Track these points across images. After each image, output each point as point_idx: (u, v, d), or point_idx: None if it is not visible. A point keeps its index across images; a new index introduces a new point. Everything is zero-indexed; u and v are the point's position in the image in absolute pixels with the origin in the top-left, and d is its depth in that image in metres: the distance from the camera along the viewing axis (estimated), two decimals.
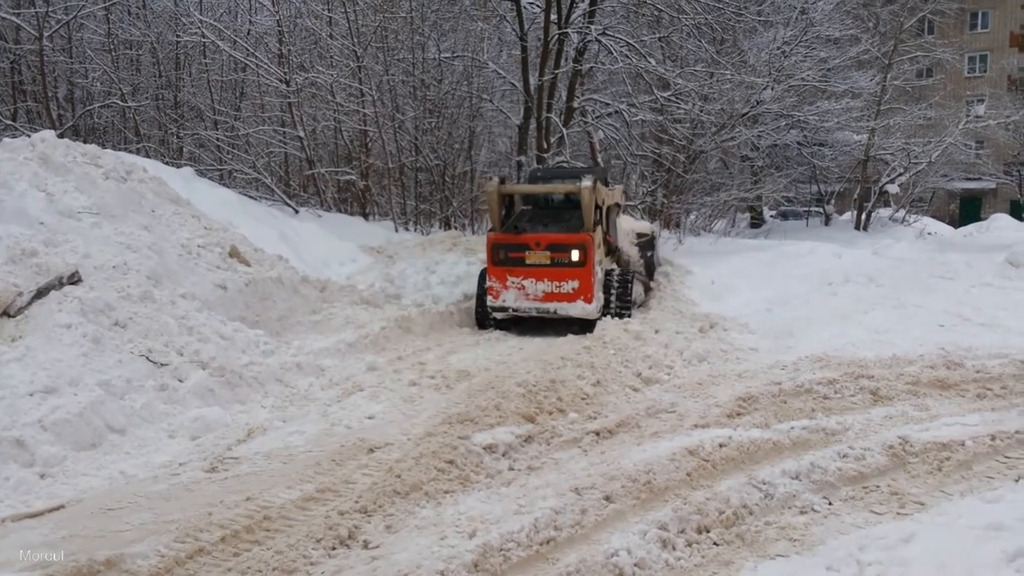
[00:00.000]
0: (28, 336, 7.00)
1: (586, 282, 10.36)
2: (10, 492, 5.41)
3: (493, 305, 10.80)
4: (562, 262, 10.44)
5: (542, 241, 10.55)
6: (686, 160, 21.17)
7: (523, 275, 10.62)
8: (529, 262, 10.57)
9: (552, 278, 10.48)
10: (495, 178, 11.25)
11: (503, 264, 10.71)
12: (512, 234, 10.85)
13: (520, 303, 10.65)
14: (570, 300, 10.45)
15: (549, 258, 10.48)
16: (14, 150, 9.66)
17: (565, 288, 10.42)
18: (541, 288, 10.55)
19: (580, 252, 10.37)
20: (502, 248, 10.75)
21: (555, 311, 10.54)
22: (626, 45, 18.34)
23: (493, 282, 10.78)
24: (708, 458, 5.46)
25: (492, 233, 11.01)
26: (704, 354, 8.69)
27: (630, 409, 6.77)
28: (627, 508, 4.77)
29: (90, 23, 20.23)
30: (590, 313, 10.46)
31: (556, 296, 10.49)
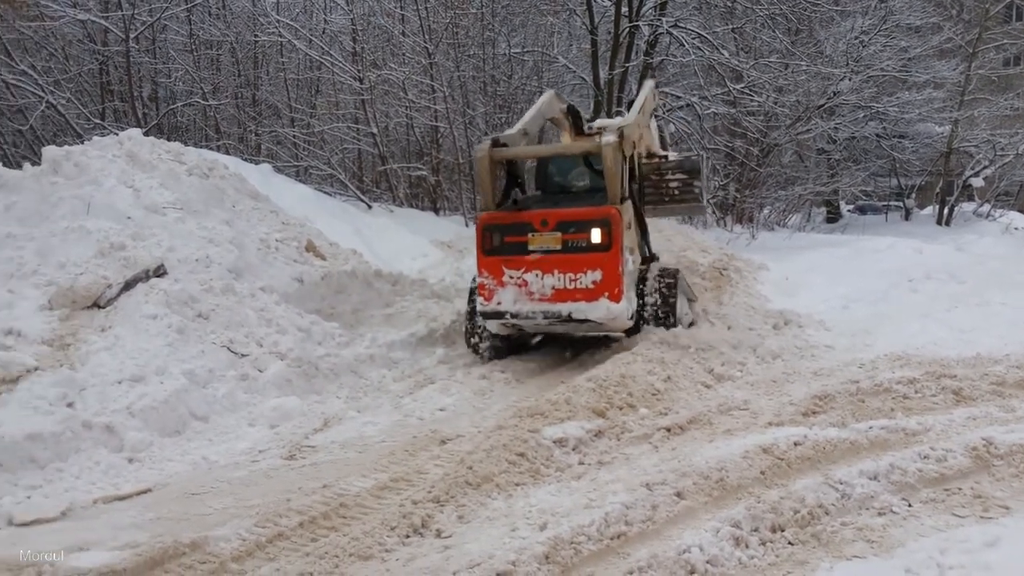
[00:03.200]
0: (117, 326, 7.30)
1: (612, 272, 7.77)
2: (100, 475, 5.67)
3: (485, 310, 8.15)
4: (578, 246, 7.87)
5: (550, 219, 8.01)
6: (759, 153, 20.79)
7: (525, 267, 8.01)
8: (533, 248, 7.99)
9: (564, 268, 7.87)
10: (487, 140, 8.65)
11: (498, 253, 8.14)
12: (510, 212, 8.37)
13: (521, 305, 7.99)
14: (590, 298, 7.82)
15: (560, 241, 7.91)
16: (103, 148, 10.07)
17: (583, 281, 7.84)
18: (549, 284, 7.92)
19: (603, 231, 7.78)
20: (496, 231, 8.17)
21: (570, 314, 7.83)
22: (698, 37, 18.12)
23: (484, 278, 8.16)
24: (783, 456, 5.37)
25: (484, 213, 8.49)
26: (778, 351, 8.54)
27: (702, 406, 6.70)
28: (699, 505, 4.73)
29: (173, 24, 20.91)
30: (618, 316, 7.88)
31: (570, 294, 7.86)
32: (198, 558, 4.34)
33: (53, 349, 6.96)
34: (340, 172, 18.20)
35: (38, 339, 6.98)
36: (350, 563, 4.22)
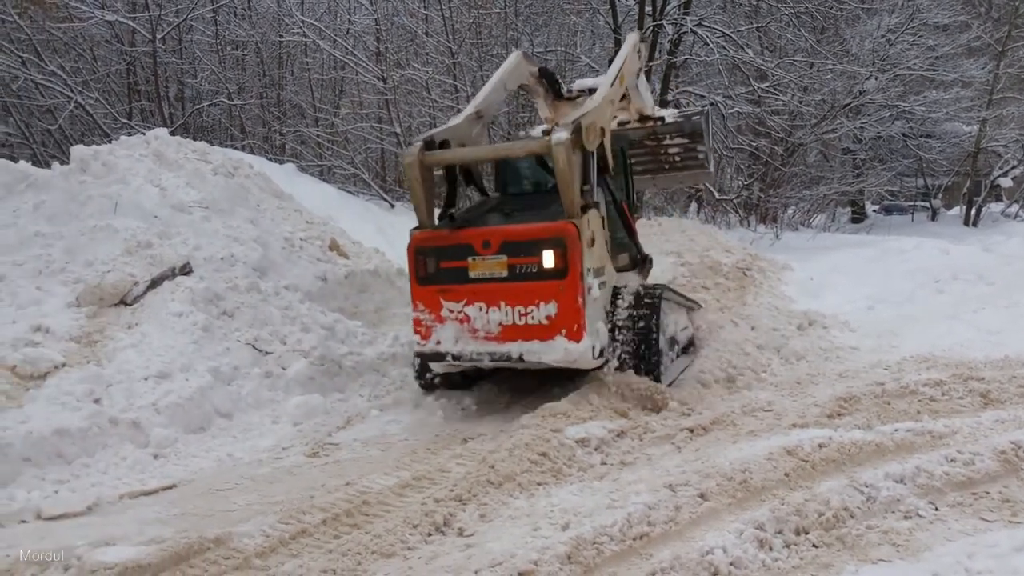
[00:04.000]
0: (143, 324, 7.37)
1: (569, 304, 6.39)
2: (126, 471, 5.73)
3: (422, 351, 6.91)
4: (527, 272, 6.48)
5: (492, 239, 6.58)
6: (784, 153, 20.63)
7: (466, 298, 6.69)
8: (474, 275, 6.64)
9: (512, 300, 6.53)
10: (418, 142, 7.00)
11: (434, 281, 6.80)
12: (446, 230, 6.86)
13: (464, 345, 6.71)
14: (544, 336, 6.48)
15: (506, 266, 6.53)
16: (130, 147, 10.18)
17: (535, 316, 6.48)
18: (495, 319, 6.61)
19: (557, 253, 6.38)
20: (431, 255, 6.81)
21: (521, 356, 6.52)
22: (722, 36, 18.01)
23: (420, 312, 6.87)
24: (807, 458, 5.33)
25: (417, 230, 6.99)
26: (802, 352, 8.48)
27: (725, 407, 6.67)
28: (722, 506, 4.70)
29: (199, 25, 21.10)
30: (579, 358, 6.47)
31: (521, 331, 6.55)
32: (222, 554, 4.38)
33: (81, 346, 7.05)
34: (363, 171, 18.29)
35: (66, 336, 7.07)
36: (372, 560, 4.23)
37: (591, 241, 6.54)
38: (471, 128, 7.54)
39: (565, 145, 6.34)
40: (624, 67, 8.21)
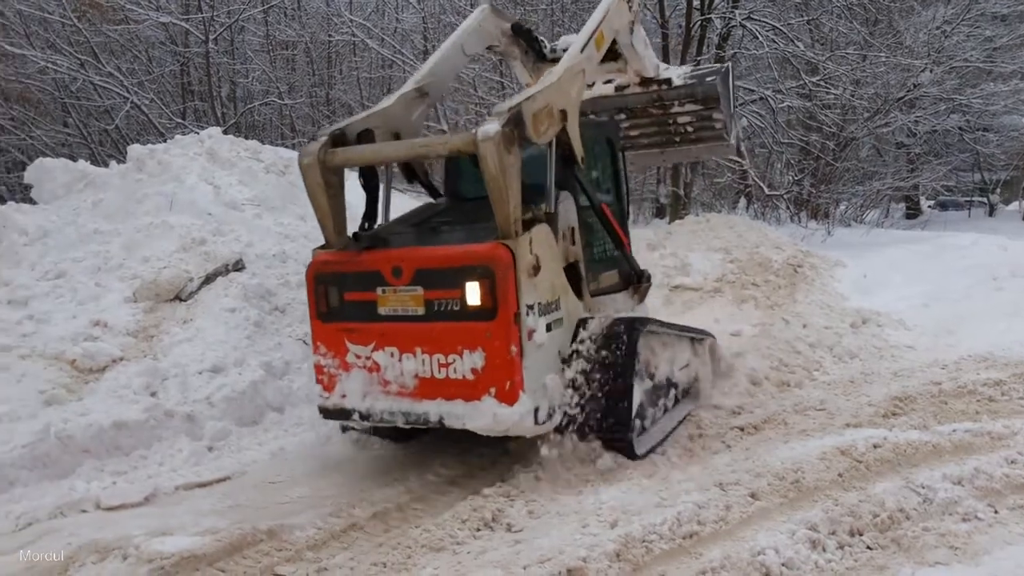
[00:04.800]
0: (198, 319, 7.52)
1: (500, 353, 4.94)
2: (182, 463, 5.86)
3: (324, 405, 5.56)
4: (448, 310, 5.06)
5: (405, 265, 5.17)
6: (836, 148, 20.26)
7: (375, 341, 5.30)
8: (385, 311, 5.25)
9: (430, 345, 5.12)
10: (323, 137, 5.54)
11: (337, 318, 5.44)
12: (351, 252, 5.48)
13: (374, 401, 5.33)
14: (468, 396, 5.05)
15: (422, 301, 5.11)
16: (185, 146, 10.39)
17: (458, 368, 5.06)
18: (410, 369, 5.20)
19: (484, 287, 4.92)
20: (333, 284, 5.44)
21: (440, 419, 5.13)
22: (772, 29, 17.74)
23: (321, 355, 5.53)
24: (861, 459, 5.24)
25: (320, 250, 5.66)
26: (856, 351, 8.34)
27: (776, 405, 6.59)
28: (773, 506, 4.65)
29: (250, 26, 21.45)
30: (512, 425, 5.00)
31: (440, 387, 5.13)
32: (275, 545, 4.46)
33: (137, 340, 7.22)
34: None
35: (124, 330, 7.24)
36: (422, 554, 4.27)
37: (534, 268, 4.97)
38: (409, 111, 6.04)
39: (495, 141, 4.78)
40: (605, 23, 6.48)
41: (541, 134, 5.26)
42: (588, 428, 5.36)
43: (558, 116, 5.46)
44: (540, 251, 5.10)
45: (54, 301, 7.49)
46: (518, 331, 4.91)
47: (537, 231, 5.13)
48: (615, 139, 7.07)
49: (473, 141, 4.90)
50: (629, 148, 8.73)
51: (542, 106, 5.28)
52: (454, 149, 5.26)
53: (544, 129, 5.30)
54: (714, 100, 8.42)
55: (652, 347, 5.94)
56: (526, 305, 4.95)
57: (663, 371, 6.12)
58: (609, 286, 6.47)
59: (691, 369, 6.69)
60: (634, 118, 8.81)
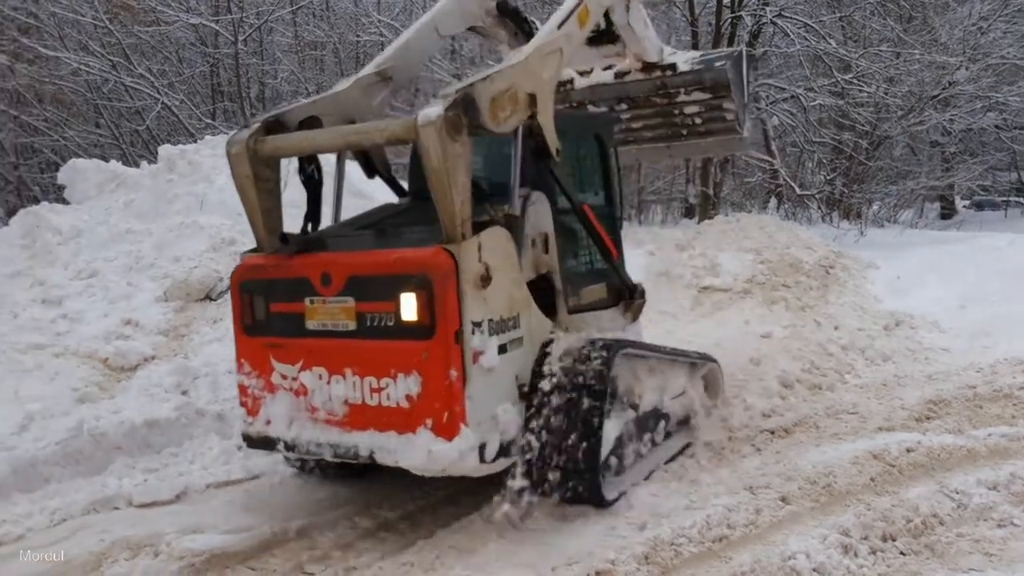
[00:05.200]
0: (227, 318, 7.57)
1: (436, 378, 4.24)
2: (212, 461, 5.91)
3: (248, 432, 4.89)
4: (381, 326, 4.37)
5: (334, 272, 4.51)
6: (869, 146, 20.05)
7: (303, 359, 4.63)
8: (313, 325, 4.59)
9: (362, 367, 4.43)
10: (256, 123, 4.90)
11: (263, 331, 4.80)
12: (280, 256, 4.81)
13: (301, 430, 4.63)
14: (402, 427, 4.33)
15: (354, 315, 4.44)
16: (215, 147, 10.49)
17: (391, 395, 4.34)
18: (339, 394, 4.50)
19: (419, 299, 4.23)
20: (258, 292, 4.81)
21: (371, 454, 4.39)
22: (803, 26, 17.57)
23: (245, 375, 4.88)
24: (894, 463, 5.18)
25: (249, 254, 5.04)
26: (889, 353, 8.21)
27: (807, 409, 6.51)
28: (804, 510, 4.60)
29: (279, 26, 21.62)
30: (450, 464, 4.24)
31: (372, 416, 4.41)
32: (304, 544, 4.49)
33: (168, 339, 7.30)
34: None
35: (155, 329, 7.33)
36: (450, 555, 4.26)
37: (482, 279, 4.28)
38: (368, 96, 5.36)
39: (437, 127, 4.11)
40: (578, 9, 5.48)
41: (501, 121, 4.51)
42: (548, 473, 4.54)
43: (525, 101, 4.69)
44: (492, 259, 4.36)
45: (87, 300, 7.60)
46: (460, 352, 4.18)
47: (489, 235, 4.41)
48: (606, 135, 6.17)
49: (413, 127, 4.20)
50: (632, 142, 8.18)
51: (503, 88, 4.51)
52: (393, 136, 4.51)
53: (506, 116, 4.55)
54: (724, 88, 7.44)
55: (636, 373, 5.24)
56: (471, 322, 4.21)
57: (650, 400, 5.36)
58: (594, 302, 5.64)
59: (687, 398, 5.85)
60: (636, 109, 7.89)
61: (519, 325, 4.63)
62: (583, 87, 7.67)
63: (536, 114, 4.78)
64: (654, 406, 5.43)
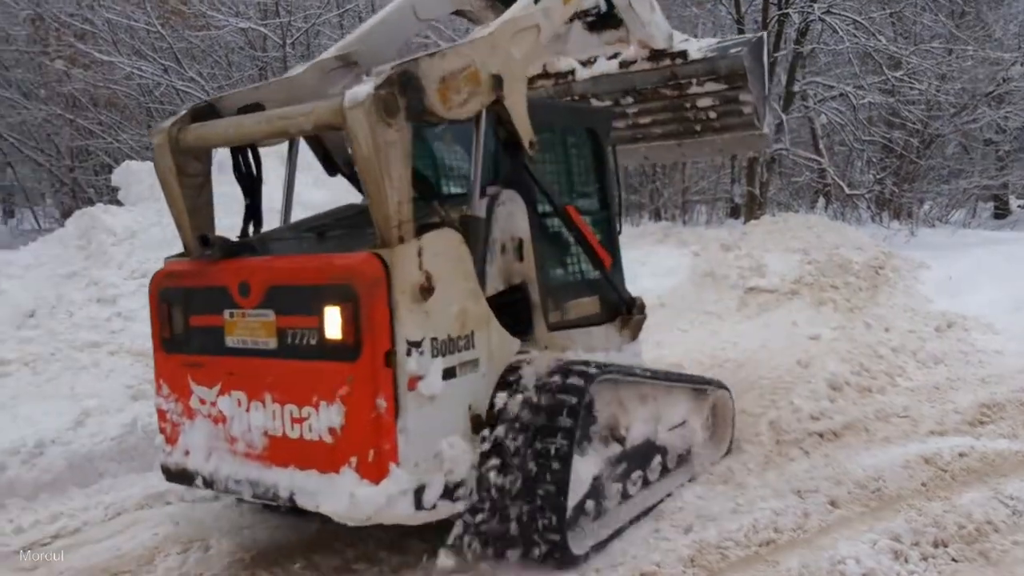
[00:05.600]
0: None
1: (362, 408, 3.61)
2: None
3: (166, 463, 4.36)
4: (303, 344, 3.79)
5: (254, 280, 3.96)
6: (920, 145, 19.64)
7: (221, 381, 4.10)
8: (232, 342, 4.05)
9: (283, 392, 3.86)
10: (183, 111, 4.46)
11: (182, 348, 4.27)
12: (202, 262, 4.27)
13: (219, 463, 4.09)
14: (325, 465, 3.72)
15: (274, 330, 3.88)
16: None
17: (313, 427, 3.75)
18: (259, 423, 3.95)
19: (343, 313, 3.61)
20: (177, 301, 4.28)
21: (291, 495, 3.80)
22: (853, 23, 17.26)
23: (163, 397, 4.36)
24: (946, 468, 5.09)
25: (173, 259, 4.53)
26: (941, 356, 8.05)
27: (857, 411, 6.42)
28: (854, 515, 4.55)
29: (326, 30, 21.84)
30: (375, 511, 3.60)
31: (294, 450, 3.83)
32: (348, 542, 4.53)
33: None
34: None
35: None
36: None
37: (422, 289, 3.66)
38: (326, 83, 4.75)
39: (366, 109, 3.50)
40: None
41: (454, 105, 3.89)
42: (501, 519, 3.89)
43: (488, 84, 4.08)
44: (438, 266, 3.73)
45: (140, 299, 7.75)
46: (392, 377, 3.55)
47: (434, 239, 3.78)
48: (602, 129, 5.49)
49: (339, 109, 3.58)
50: (640, 140, 7.62)
51: (458, 67, 3.91)
52: (320, 121, 3.82)
53: (461, 99, 3.92)
54: (740, 77, 6.67)
55: (622, 401, 4.61)
56: (407, 341, 3.59)
57: (640, 433, 4.71)
58: (583, 317, 5.04)
59: (688, 430, 5.20)
60: (644, 102, 7.23)
61: (473, 345, 3.98)
62: (585, 79, 7.16)
63: (502, 99, 4.18)
64: (646, 439, 4.77)
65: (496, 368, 4.14)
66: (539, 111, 4.57)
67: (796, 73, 17.87)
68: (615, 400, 4.58)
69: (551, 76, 7.29)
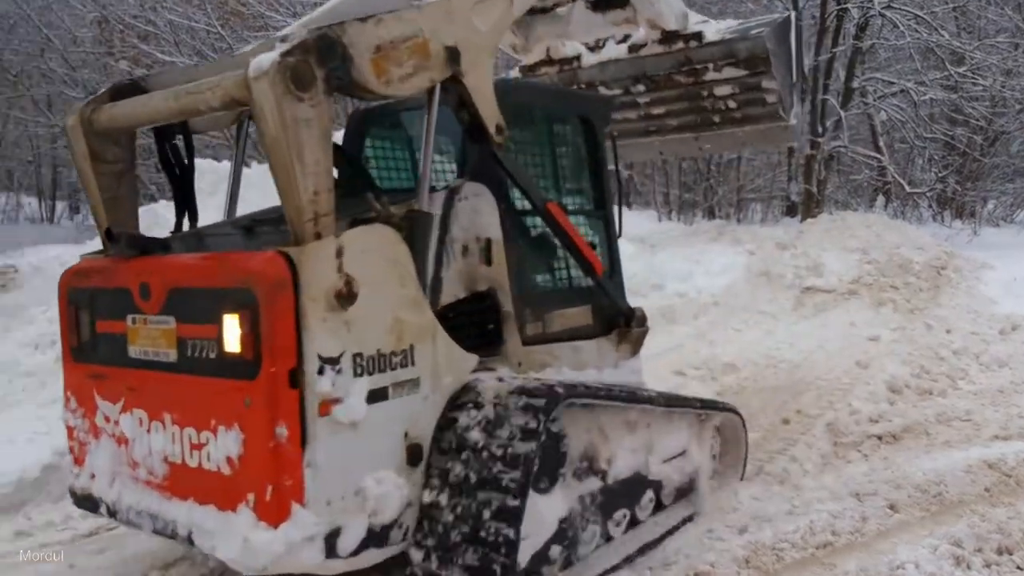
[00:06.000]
0: None
1: (259, 436, 2.99)
2: None
3: (73, 486, 3.81)
4: (203, 357, 3.18)
5: (154, 281, 3.37)
6: (983, 142, 19.17)
7: (124, 396, 3.53)
8: (135, 352, 3.47)
9: (183, 412, 3.28)
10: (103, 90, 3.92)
11: (88, 357, 3.74)
12: (112, 259, 3.71)
13: (121, 492, 3.53)
14: (223, 502, 3.11)
15: (174, 340, 3.28)
16: None
17: (212, 454, 3.14)
18: (159, 447, 3.35)
19: (242, 322, 3.00)
20: (85, 305, 3.74)
21: (190, 534, 3.20)
22: (914, 18, 16.91)
23: (71, 414, 3.84)
24: (1011, 473, 4.96)
25: (89, 256, 4.02)
26: (1005, 359, 7.84)
27: (917, 414, 6.29)
28: (914, 519, 4.46)
29: None
30: (271, 561, 2.95)
31: (193, 481, 3.24)
32: None
33: None
34: None
35: None
36: None
37: (340, 296, 3.03)
38: None
39: (271, 80, 2.93)
40: None
41: (393, 80, 3.30)
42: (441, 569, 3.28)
43: (440, 57, 3.48)
44: (363, 268, 3.11)
45: None
46: (297, 400, 2.97)
47: (359, 236, 3.18)
48: (598, 118, 4.82)
49: (244, 81, 3.01)
50: (653, 132, 7.06)
51: (400, 36, 3.30)
52: (227, 96, 3.16)
53: (402, 74, 3.33)
54: (762, 62, 5.96)
55: (603, 429, 3.93)
56: (319, 357, 3.00)
57: (626, 465, 4.06)
58: (570, 330, 4.43)
59: (689, 460, 4.55)
60: (656, 90, 6.60)
61: (412, 362, 3.35)
62: (592, 65, 6.58)
63: (460, 76, 3.59)
64: (634, 472, 4.12)
65: (444, 389, 3.51)
66: (521, 93, 4.18)
67: (855, 69, 17.56)
68: (595, 427, 3.88)
69: (555, 62, 6.71)
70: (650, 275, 11.96)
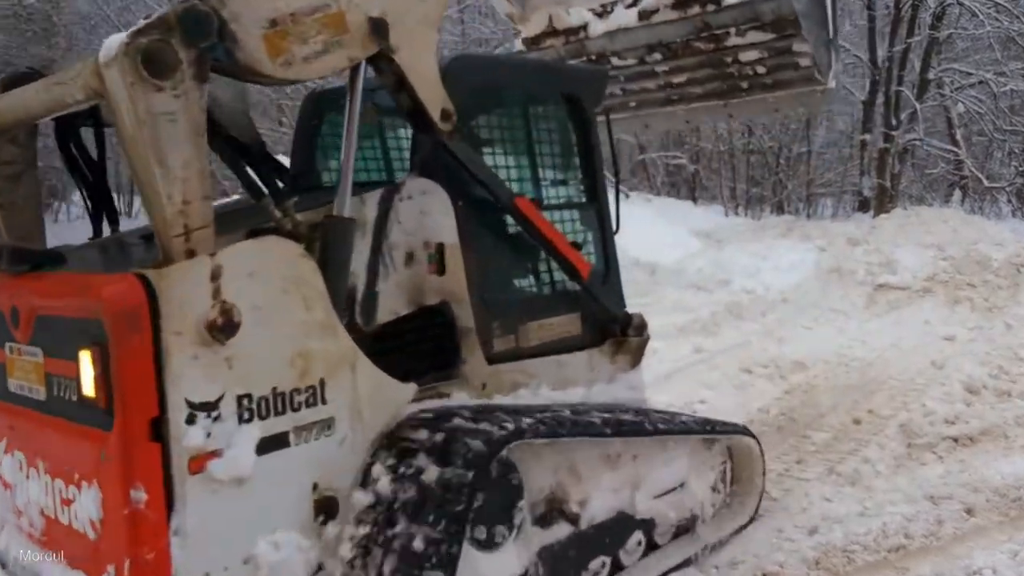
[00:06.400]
0: None
1: (114, 500, 2.46)
2: None
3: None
4: (66, 398, 2.69)
5: (23, 304, 2.88)
6: None
7: (6, 436, 3.12)
8: (13, 386, 3.02)
9: (53, 461, 2.82)
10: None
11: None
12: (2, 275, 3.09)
13: (10, 542, 3.11)
14: (90, 569, 2.63)
15: (43, 375, 2.81)
16: None
17: (80, 514, 2.64)
18: (36, 497, 2.90)
19: (94, 359, 2.47)
20: None
21: None
22: (994, 6, 16.35)
23: None
24: None
25: None
26: None
27: (995, 416, 6.09)
28: (992, 524, 4.35)
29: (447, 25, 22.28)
30: None
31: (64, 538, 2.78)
32: None
33: None
34: None
35: None
36: None
37: (214, 327, 2.48)
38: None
39: (120, 67, 2.36)
40: None
41: (295, 61, 2.73)
42: None
43: (361, 30, 2.89)
44: (250, 292, 2.58)
45: None
46: (159, 456, 2.45)
47: (241, 252, 2.62)
48: (587, 96, 4.13)
49: (96, 69, 2.45)
50: (676, 101, 6.43)
51: (306, 6, 2.73)
52: (88, 88, 2.57)
53: (309, 52, 2.76)
54: (791, 24, 5.35)
55: (573, 466, 3.40)
56: (188, 403, 2.47)
57: (605, 506, 3.53)
58: (552, 343, 3.85)
59: (689, 494, 4.00)
60: (674, 59, 6.01)
61: (323, 399, 2.79)
62: (600, 35, 5.93)
63: (389, 53, 2.99)
64: (616, 513, 3.58)
65: (368, 428, 2.93)
66: (484, 71, 3.69)
67: (931, 60, 17.07)
68: (562, 465, 3.35)
69: (560, 33, 6.05)
70: (716, 271, 11.86)
